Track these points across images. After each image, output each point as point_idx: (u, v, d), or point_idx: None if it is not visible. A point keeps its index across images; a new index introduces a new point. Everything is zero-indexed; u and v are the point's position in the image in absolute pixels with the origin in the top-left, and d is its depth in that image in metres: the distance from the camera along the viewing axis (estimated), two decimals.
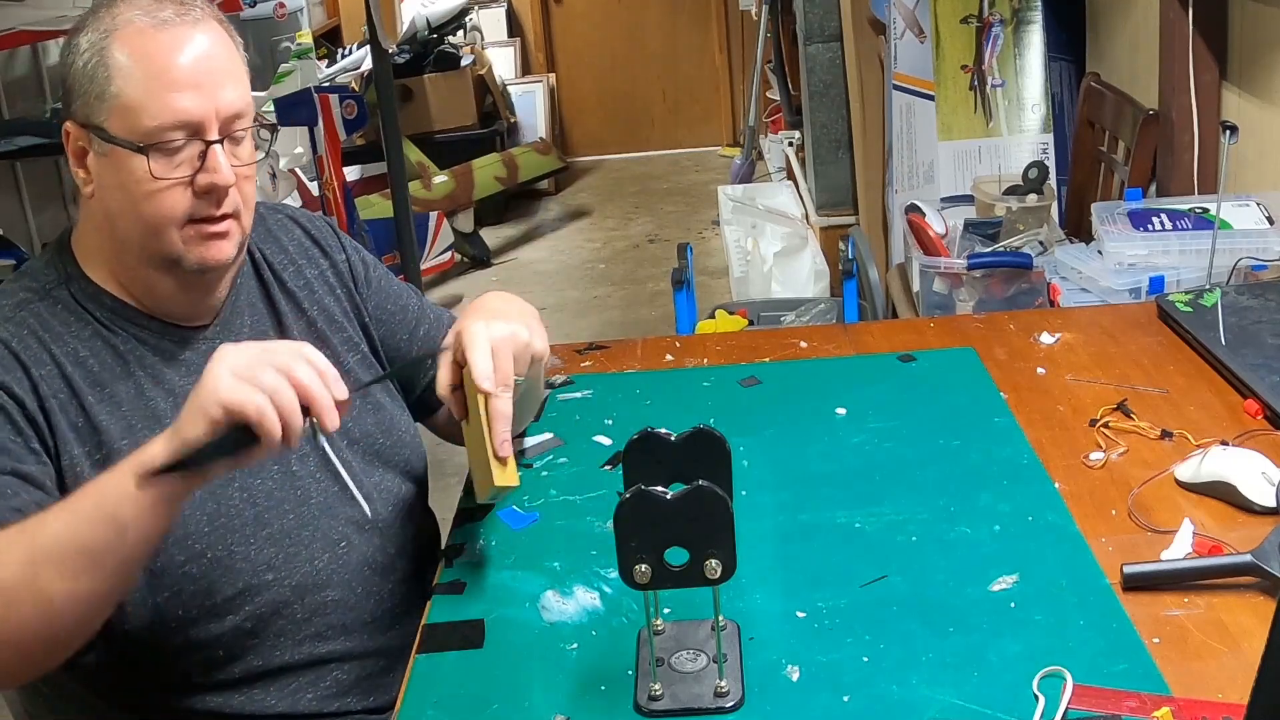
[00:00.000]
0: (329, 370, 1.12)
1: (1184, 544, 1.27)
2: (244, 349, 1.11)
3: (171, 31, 1.25)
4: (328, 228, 1.54)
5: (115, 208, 1.28)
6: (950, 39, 3.19)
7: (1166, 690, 1.08)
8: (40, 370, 1.25)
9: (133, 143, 1.24)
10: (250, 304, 1.42)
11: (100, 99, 1.25)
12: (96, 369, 1.29)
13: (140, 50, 1.24)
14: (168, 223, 1.27)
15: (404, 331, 1.53)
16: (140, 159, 1.24)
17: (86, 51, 1.26)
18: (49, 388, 1.25)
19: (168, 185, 1.26)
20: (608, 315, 4.90)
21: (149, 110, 1.24)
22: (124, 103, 1.24)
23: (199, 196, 1.27)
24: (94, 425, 1.26)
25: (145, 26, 1.25)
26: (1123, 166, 2.66)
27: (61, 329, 1.29)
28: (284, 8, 5.30)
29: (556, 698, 1.14)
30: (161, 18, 1.26)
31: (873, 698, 1.10)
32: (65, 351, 1.28)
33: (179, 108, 1.24)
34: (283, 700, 1.34)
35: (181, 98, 1.24)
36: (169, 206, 1.26)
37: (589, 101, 7.29)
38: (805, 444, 1.55)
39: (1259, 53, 2.30)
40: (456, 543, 1.40)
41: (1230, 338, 1.66)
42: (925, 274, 2.48)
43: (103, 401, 1.27)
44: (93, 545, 1.10)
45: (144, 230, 1.28)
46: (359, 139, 5.16)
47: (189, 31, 1.26)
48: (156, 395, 1.31)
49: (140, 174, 1.25)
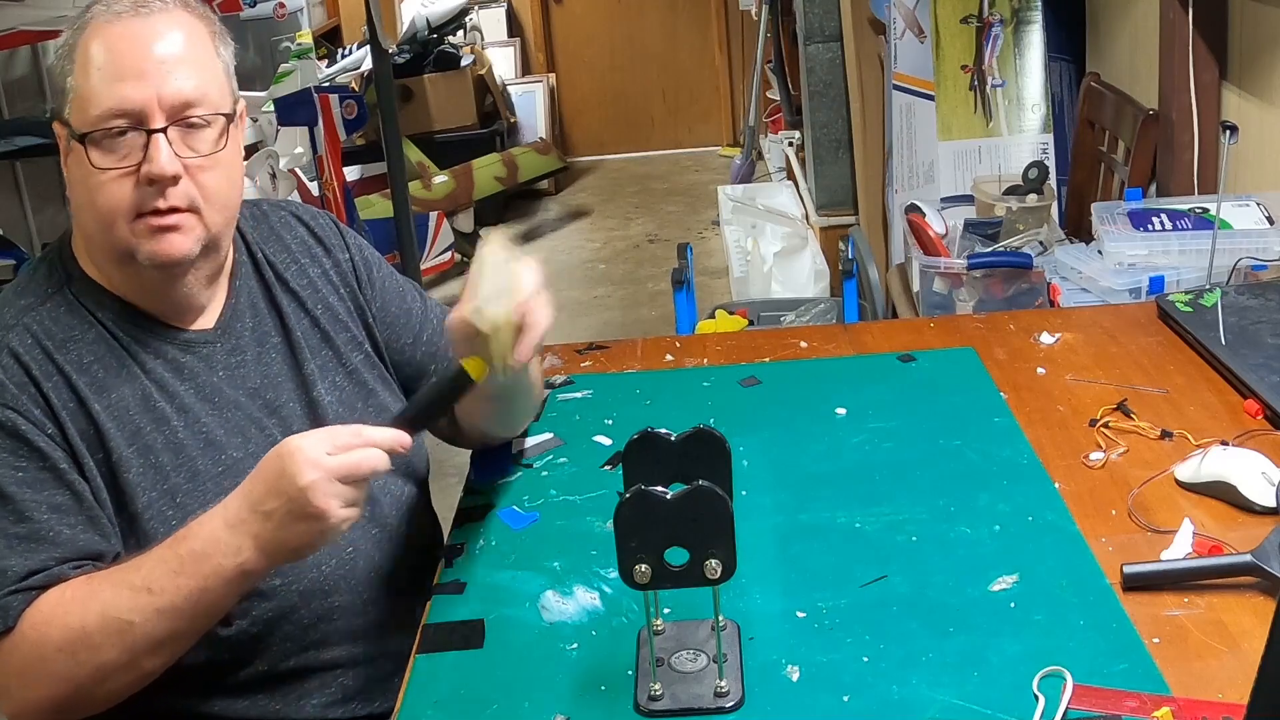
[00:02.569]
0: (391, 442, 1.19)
1: (1184, 544, 1.27)
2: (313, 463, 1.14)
3: (126, 22, 1.26)
4: (331, 224, 1.52)
5: (77, 201, 1.29)
6: (950, 39, 3.19)
7: (1166, 690, 1.07)
8: (49, 383, 1.26)
9: (76, 131, 1.25)
10: (252, 305, 1.41)
11: (64, 93, 1.27)
12: (101, 375, 1.29)
13: (97, 43, 1.25)
14: (114, 214, 1.26)
15: (408, 335, 1.52)
16: (90, 150, 1.25)
17: (59, 49, 1.28)
18: (59, 399, 1.26)
19: (112, 176, 1.25)
20: (608, 315, 4.90)
21: (95, 99, 1.24)
22: (78, 95, 1.25)
23: (143, 186, 1.25)
24: (100, 432, 1.26)
25: (104, 21, 1.26)
26: (1123, 166, 2.66)
27: (65, 335, 1.29)
28: (284, 8, 5.29)
29: (556, 698, 1.14)
30: (117, 10, 1.27)
31: (873, 698, 1.10)
32: (69, 359, 1.28)
33: (120, 95, 1.24)
34: (288, 706, 1.33)
35: (124, 86, 1.24)
36: (116, 198, 1.25)
37: (589, 101, 7.29)
38: (805, 444, 1.55)
39: (1259, 53, 2.30)
40: (456, 543, 1.40)
41: (1230, 338, 1.66)
42: (925, 274, 2.48)
43: (108, 408, 1.27)
44: (190, 631, 1.21)
45: (97, 223, 1.28)
46: (359, 139, 5.17)
47: (144, 22, 1.26)
48: (162, 400, 1.31)
49: (88, 166, 1.25)
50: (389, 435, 1.19)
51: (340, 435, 1.17)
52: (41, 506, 1.21)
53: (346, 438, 1.16)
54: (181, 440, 1.30)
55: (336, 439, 1.16)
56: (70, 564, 1.21)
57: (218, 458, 1.31)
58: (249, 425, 1.34)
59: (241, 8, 4.92)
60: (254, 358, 1.39)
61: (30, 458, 1.23)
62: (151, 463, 1.28)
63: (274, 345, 1.41)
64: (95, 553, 1.23)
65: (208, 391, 1.34)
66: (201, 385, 1.34)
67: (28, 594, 1.18)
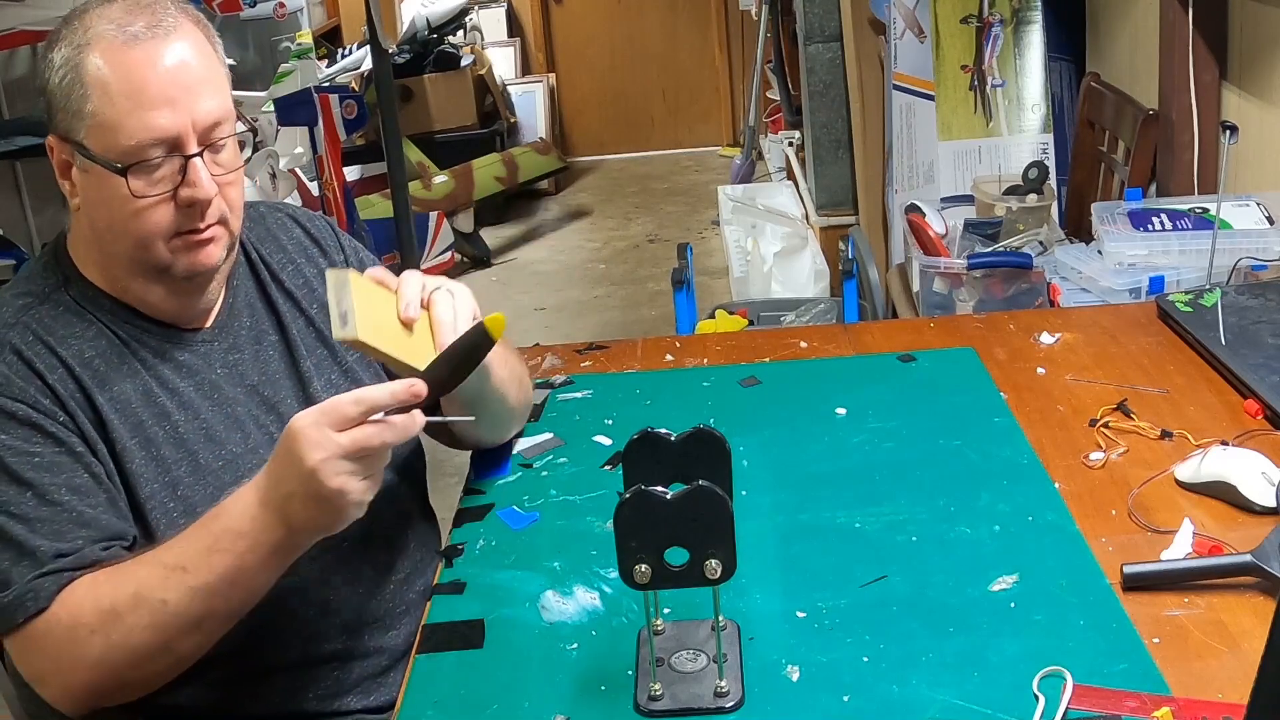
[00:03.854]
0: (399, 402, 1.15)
1: (1184, 544, 1.27)
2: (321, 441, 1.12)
3: (144, 47, 1.24)
4: (327, 227, 1.54)
5: (102, 223, 1.29)
6: (950, 39, 3.19)
7: (1166, 690, 1.07)
8: (53, 376, 1.26)
9: (111, 163, 1.24)
10: (249, 304, 1.42)
11: (78, 117, 1.24)
12: (103, 369, 1.29)
13: (114, 68, 1.23)
14: (154, 237, 1.27)
15: None
16: (120, 179, 1.24)
17: (61, 68, 1.25)
18: (65, 390, 1.26)
19: (150, 203, 1.26)
20: (608, 315, 4.90)
21: (125, 129, 1.23)
22: (100, 121, 1.23)
23: (182, 209, 1.27)
24: (104, 423, 1.27)
25: (117, 42, 1.23)
26: (1123, 166, 2.66)
27: (65, 331, 1.30)
28: (284, 8, 5.30)
29: (556, 698, 1.14)
30: (133, 32, 1.24)
31: (873, 698, 1.10)
32: (71, 353, 1.28)
33: (155, 125, 1.23)
34: (283, 699, 1.34)
35: (157, 115, 1.23)
36: (154, 223, 1.27)
37: (589, 101, 7.28)
38: (805, 444, 1.55)
39: (1259, 53, 2.30)
40: (456, 543, 1.40)
41: (1230, 338, 1.66)
42: (925, 274, 2.48)
43: (111, 401, 1.28)
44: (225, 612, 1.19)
45: (132, 245, 1.28)
46: (359, 139, 5.16)
47: (162, 45, 1.24)
48: (163, 395, 1.32)
49: (122, 193, 1.25)
50: (391, 391, 1.14)
51: (343, 407, 1.13)
52: (62, 489, 1.22)
53: (349, 409, 1.12)
54: (183, 434, 1.31)
55: (341, 411, 1.12)
56: (99, 544, 1.21)
57: (218, 452, 1.32)
58: (248, 421, 1.36)
59: (241, 8, 4.93)
60: (251, 356, 1.40)
61: (45, 443, 1.23)
62: (153, 455, 1.29)
63: (271, 344, 1.42)
64: (119, 532, 1.23)
65: (207, 388, 1.35)
66: (201, 382, 1.35)
67: (59, 575, 1.18)
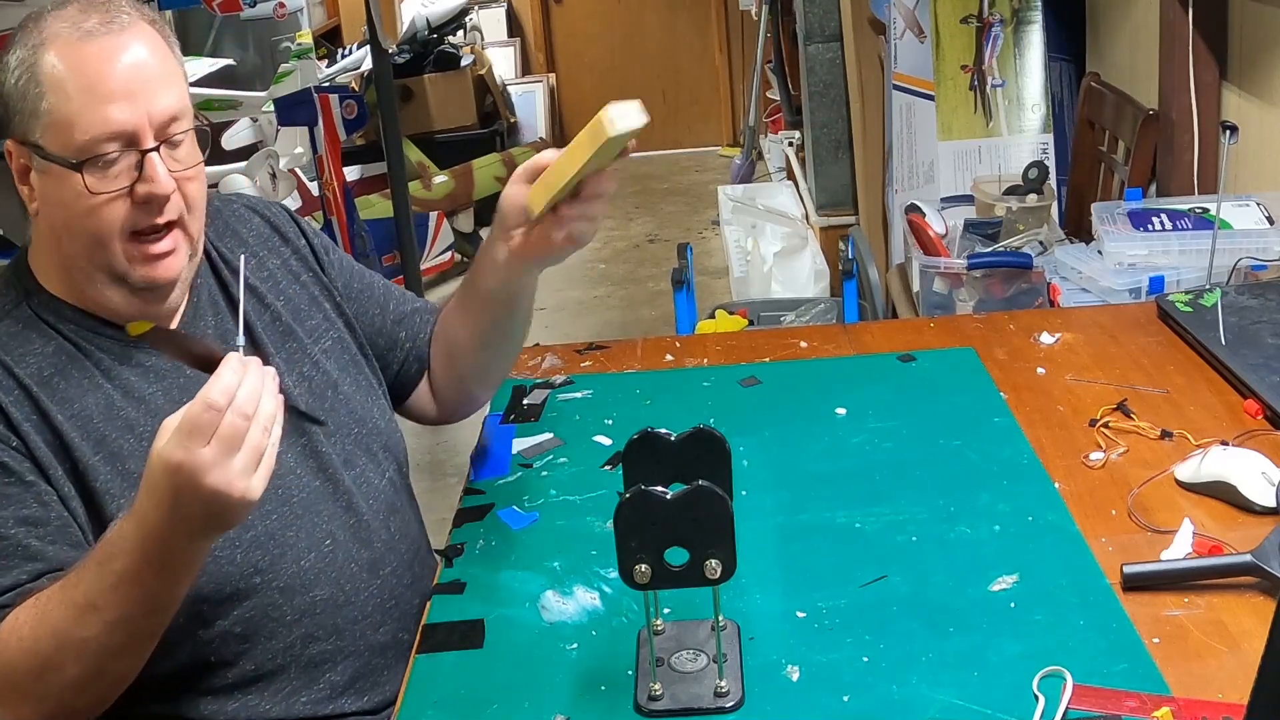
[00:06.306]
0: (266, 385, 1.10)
1: (1184, 544, 1.27)
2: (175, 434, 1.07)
3: (99, 42, 1.23)
4: (285, 214, 1.53)
5: (59, 223, 1.28)
6: (950, 39, 3.19)
7: (1166, 690, 1.07)
8: (8, 398, 1.25)
9: (67, 159, 1.23)
10: (212, 303, 1.41)
11: (34, 116, 1.23)
12: (62, 385, 1.27)
13: (69, 64, 1.22)
14: (109, 235, 1.26)
15: (375, 307, 1.54)
16: (76, 175, 1.23)
17: (16, 69, 1.24)
18: (19, 413, 1.24)
19: (106, 199, 1.24)
20: (608, 315, 4.90)
21: (80, 124, 1.22)
22: (56, 119, 1.22)
23: (138, 206, 1.26)
24: (65, 443, 1.25)
25: (72, 39, 1.23)
26: (1123, 166, 2.66)
27: (22, 349, 1.28)
28: (284, 8, 5.29)
29: (556, 698, 1.14)
30: (86, 29, 1.23)
31: (873, 698, 1.10)
32: (29, 372, 1.26)
33: (111, 119, 1.22)
34: (277, 704, 1.32)
35: (113, 109, 1.22)
36: (109, 220, 1.25)
37: (589, 102, 7.24)
38: (805, 444, 1.55)
39: (1259, 53, 2.30)
40: (456, 543, 1.40)
41: (1230, 338, 1.66)
42: (925, 274, 2.48)
43: (72, 419, 1.26)
44: (150, 629, 1.17)
45: (88, 244, 1.27)
46: (359, 139, 5.16)
47: (117, 40, 1.24)
48: (128, 406, 1.29)
49: (79, 189, 1.23)
50: (237, 370, 1.08)
51: (196, 417, 1.06)
52: (9, 521, 1.20)
53: (200, 413, 1.06)
54: (147, 446, 1.28)
55: (196, 424, 1.06)
56: (46, 576, 1.19)
57: None
58: None
59: (241, 8, 4.92)
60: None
61: None
62: (119, 470, 1.27)
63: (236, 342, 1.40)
64: (67, 561, 1.20)
65: (176, 392, 1.32)
66: (169, 386, 1.32)
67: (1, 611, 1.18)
